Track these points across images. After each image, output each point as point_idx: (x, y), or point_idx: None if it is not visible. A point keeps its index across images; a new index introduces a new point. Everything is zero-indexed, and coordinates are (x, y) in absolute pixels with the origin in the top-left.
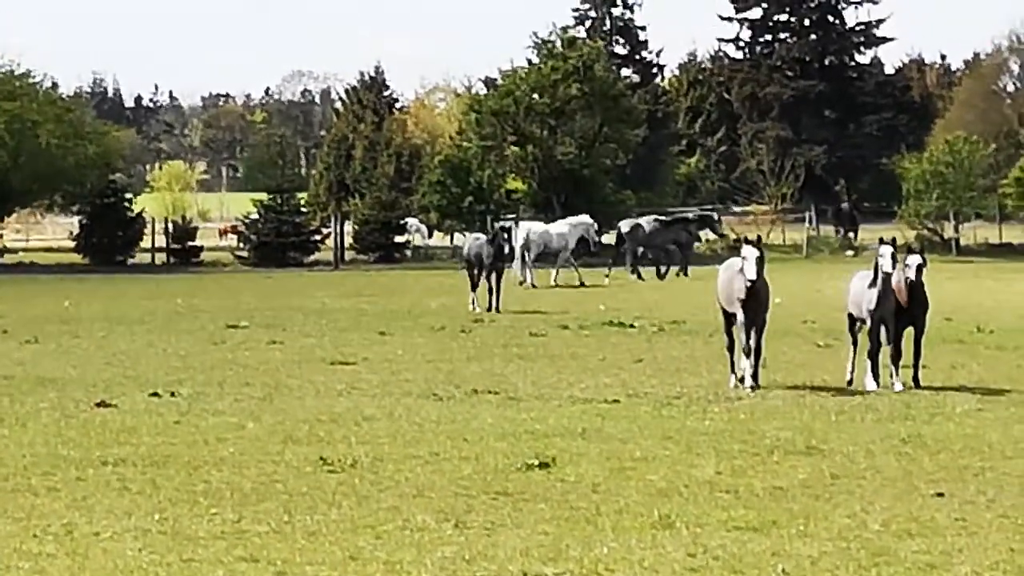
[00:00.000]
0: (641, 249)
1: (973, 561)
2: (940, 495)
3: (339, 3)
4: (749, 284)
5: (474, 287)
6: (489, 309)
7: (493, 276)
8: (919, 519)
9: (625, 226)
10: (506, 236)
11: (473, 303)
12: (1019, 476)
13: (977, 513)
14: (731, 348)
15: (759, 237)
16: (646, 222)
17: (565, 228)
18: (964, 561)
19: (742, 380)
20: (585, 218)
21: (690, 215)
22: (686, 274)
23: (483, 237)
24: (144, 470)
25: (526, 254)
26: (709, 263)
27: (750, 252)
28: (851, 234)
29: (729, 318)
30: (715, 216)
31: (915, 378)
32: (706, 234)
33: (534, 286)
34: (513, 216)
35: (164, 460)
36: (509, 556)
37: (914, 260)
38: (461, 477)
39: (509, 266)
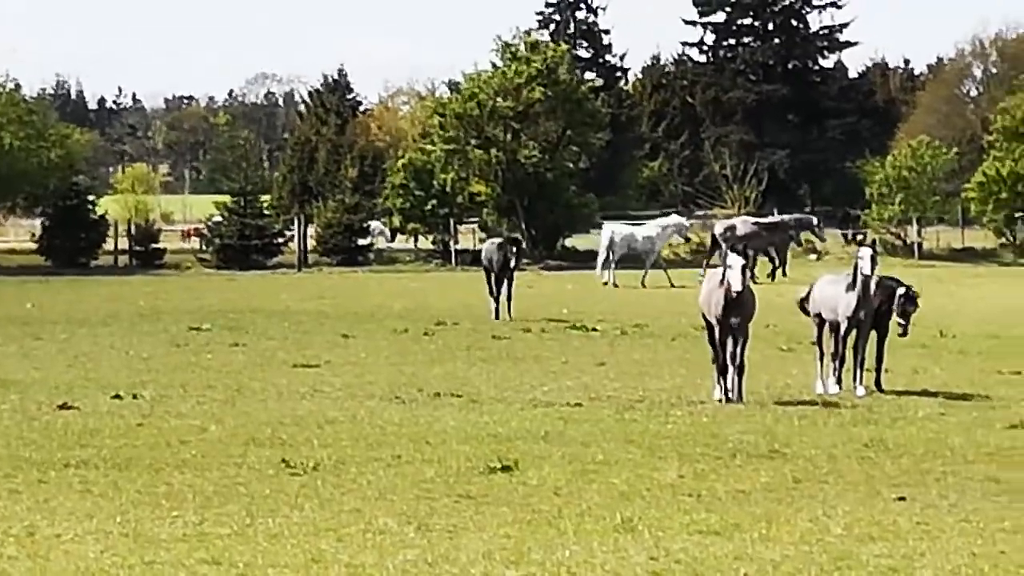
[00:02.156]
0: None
1: (935, 565)
2: (902, 499)
3: (303, 5)
4: (735, 295)
5: (491, 291)
6: (496, 317)
7: (505, 284)
8: (881, 523)
9: (719, 228)
10: (514, 249)
11: (495, 310)
12: (981, 480)
13: (939, 517)
14: (716, 360)
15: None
16: (741, 223)
17: (653, 231)
18: (926, 565)
19: (727, 395)
20: (676, 219)
21: (790, 220)
22: (784, 274)
23: (497, 241)
24: (106, 472)
25: (609, 255)
26: (680, 268)
27: (735, 260)
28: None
29: (712, 329)
30: (814, 220)
31: (877, 382)
32: (807, 236)
33: (616, 286)
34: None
35: (126, 462)
36: (472, 559)
37: (866, 252)
38: (424, 480)
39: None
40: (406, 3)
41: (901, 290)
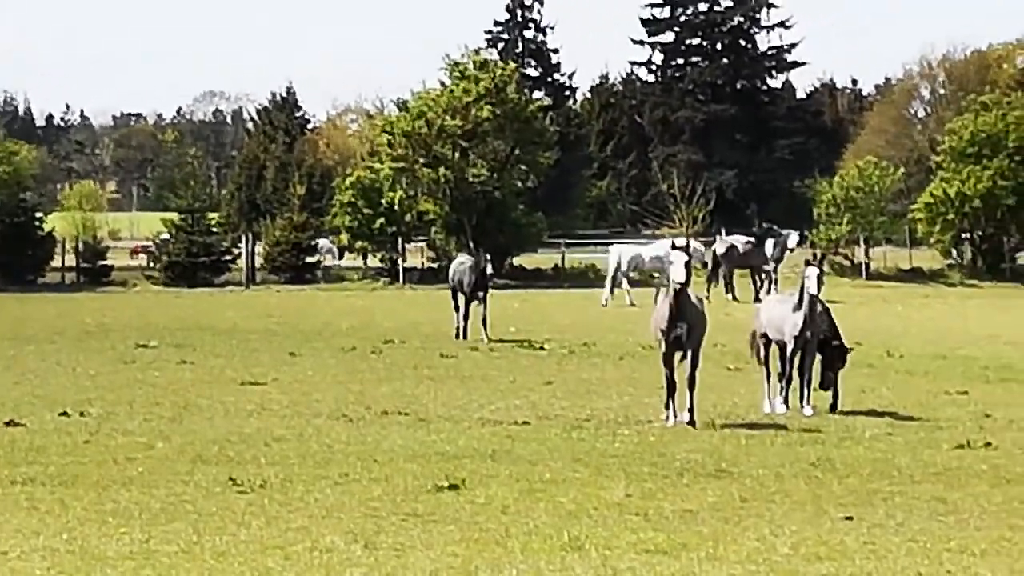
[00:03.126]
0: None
1: None
2: (849, 519)
3: (251, 24)
4: (678, 286)
5: (457, 310)
6: (462, 336)
7: (478, 302)
8: (828, 543)
9: (720, 247)
10: (488, 259)
11: (458, 331)
12: (928, 500)
13: (886, 537)
14: (667, 383)
15: (687, 242)
16: (741, 243)
17: (662, 251)
18: None
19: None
20: (680, 241)
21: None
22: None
23: (468, 261)
24: (53, 489)
25: (618, 275)
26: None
27: (677, 256)
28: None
29: (662, 350)
30: (792, 236)
31: (833, 405)
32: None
33: (632, 304)
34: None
35: (73, 479)
36: None
37: (812, 272)
38: (371, 498)
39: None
40: (355, 21)
41: (835, 342)
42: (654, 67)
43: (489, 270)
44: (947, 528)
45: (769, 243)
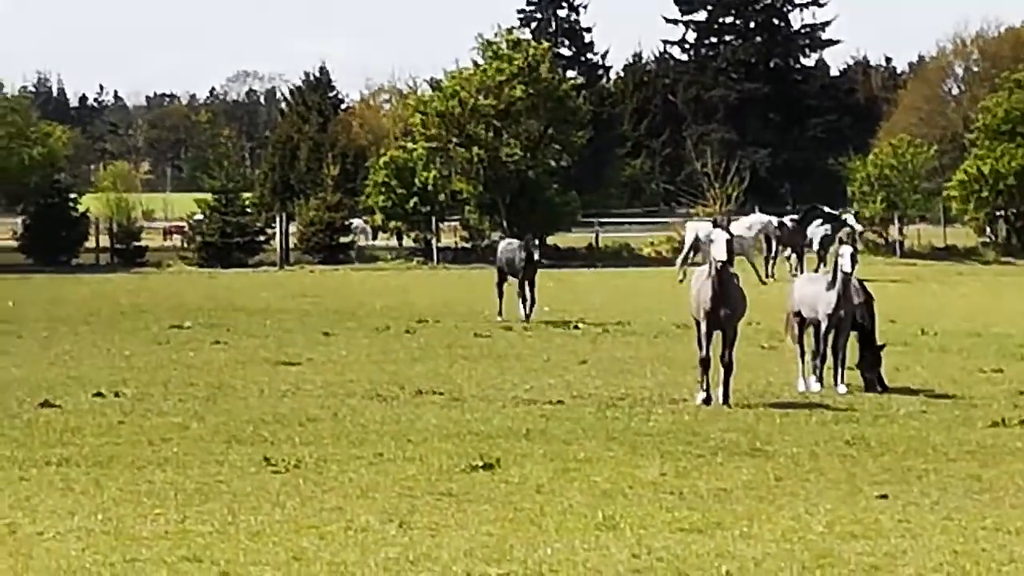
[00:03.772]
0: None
1: (917, 563)
2: (884, 497)
3: (284, 3)
4: (719, 265)
5: (501, 295)
6: (501, 314)
7: (526, 285)
8: (863, 521)
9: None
10: (536, 244)
11: (500, 311)
12: (962, 478)
13: (921, 515)
14: (701, 362)
15: (728, 219)
16: (789, 221)
17: (740, 230)
18: (908, 563)
19: (707, 400)
20: (762, 217)
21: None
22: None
23: (516, 243)
24: (88, 470)
25: (691, 255)
26: (650, 265)
27: (719, 235)
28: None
29: (700, 329)
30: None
31: (880, 380)
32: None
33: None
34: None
35: (108, 460)
36: (453, 557)
37: (846, 250)
38: (405, 478)
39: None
40: (388, 1)
41: (872, 345)
42: (687, 46)
43: (536, 256)
44: (982, 506)
45: (816, 224)
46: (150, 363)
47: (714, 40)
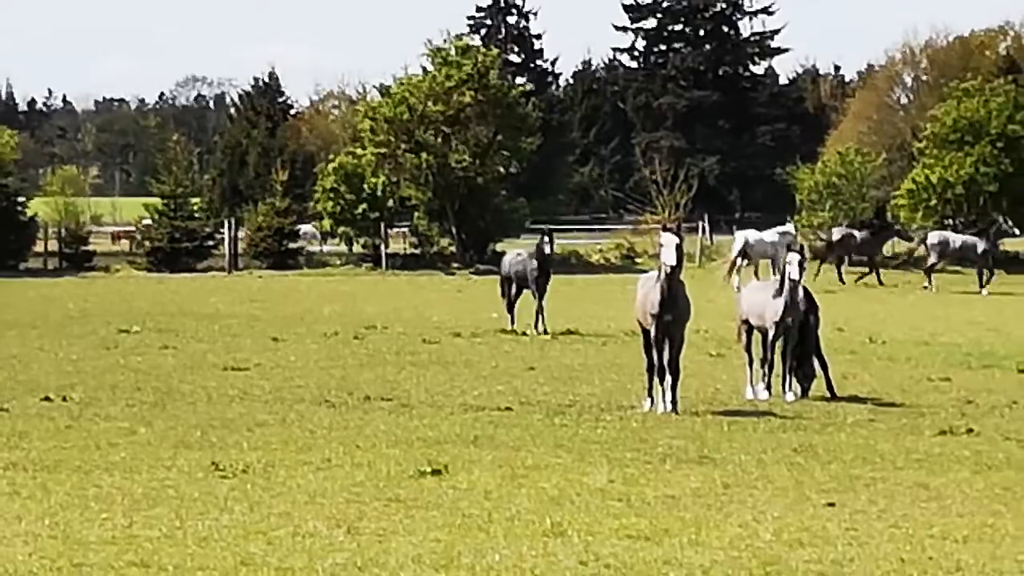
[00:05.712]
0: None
1: (864, 571)
2: (831, 505)
3: (233, 9)
4: (668, 270)
5: (510, 307)
6: (513, 325)
7: (538, 293)
8: (810, 529)
9: (836, 234)
10: (550, 239)
11: (512, 322)
12: (910, 486)
13: (868, 523)
14: (650, 369)
15: (678, 224)
16: (858, 232)
17: (776, 236)
18: (855, 571)
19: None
20: (789, 227)
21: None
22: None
23: (524, 253)
24: (35, 474)
25: (739, 260)
26: (599, 272)
27: (668, 239)
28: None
29: (647, 336)
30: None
31: (829, 387)
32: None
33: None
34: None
35: (55, 465)
36: (401, 563)
37: (794, 258)
38: (353, 484)
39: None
40: (337, 6)
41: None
42: (637, 53)
43: (547, 250)
44: (929, 514)
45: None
46: (98, 368)
47: (663, 48)
